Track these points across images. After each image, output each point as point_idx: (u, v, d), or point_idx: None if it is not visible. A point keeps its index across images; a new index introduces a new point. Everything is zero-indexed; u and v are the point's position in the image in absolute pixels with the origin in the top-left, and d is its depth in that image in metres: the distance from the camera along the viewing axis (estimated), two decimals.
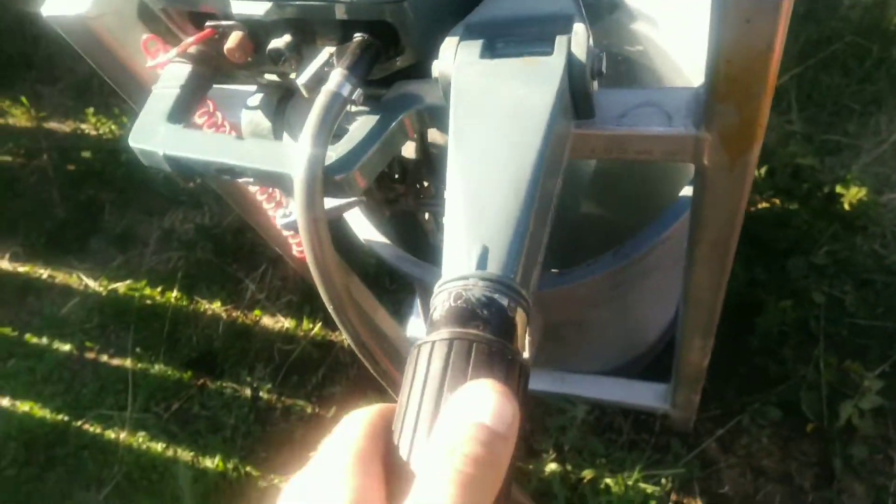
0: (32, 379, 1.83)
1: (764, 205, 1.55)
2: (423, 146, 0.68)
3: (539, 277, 0.45)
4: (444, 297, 0.39)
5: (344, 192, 0.52)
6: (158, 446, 1.64)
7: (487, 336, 0.34)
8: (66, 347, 1.85)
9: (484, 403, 0.31)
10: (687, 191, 0.90)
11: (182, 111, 0.58)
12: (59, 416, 1.75)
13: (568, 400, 1.36)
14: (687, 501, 1.32)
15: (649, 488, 1.32)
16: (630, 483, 1.32)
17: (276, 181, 0.52)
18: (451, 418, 0.31)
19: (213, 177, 0.55)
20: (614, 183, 1.07)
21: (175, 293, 1.83)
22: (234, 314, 1.77)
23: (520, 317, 0.37)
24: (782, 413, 1.34)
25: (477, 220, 0.42)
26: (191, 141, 0.55)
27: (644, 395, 1.28)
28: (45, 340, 1.88)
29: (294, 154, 0.48)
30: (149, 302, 1.84)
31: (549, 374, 1.29)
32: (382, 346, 0.53)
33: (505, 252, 0.40)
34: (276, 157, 0.52)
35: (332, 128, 0.49)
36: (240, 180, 0.54)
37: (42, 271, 1.99)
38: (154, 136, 0.56)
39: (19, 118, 2.28)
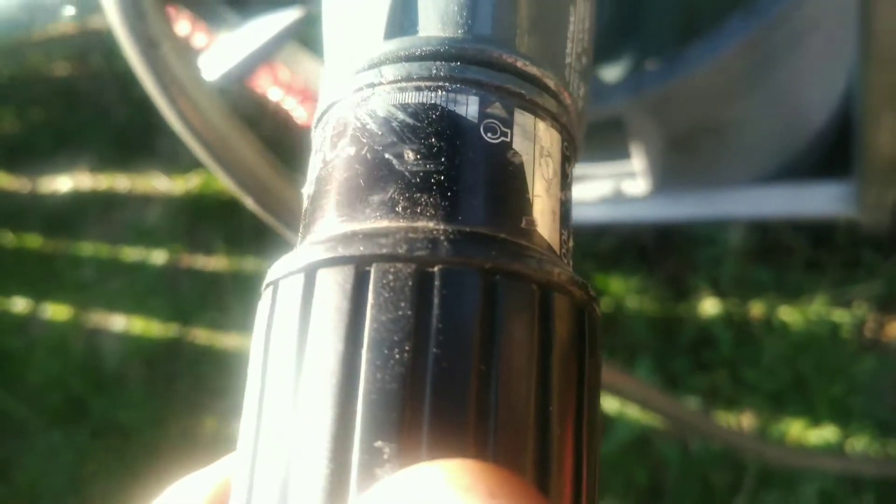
0: (138, 294, 1.76)
1: None
2: None
3: (589, 65, 0.19)
4: (318, 137, 0.15)
5: None
6: None
7: (434, 233, 0.13)
8: (161, 256, 1.75)
9: None
10: None
11: None
12: (171, 328, 1.68)
13: (718, 224, 1.08)
14: (889, 324, 1.04)
15: (838, 314, 1.04)
16: (812, 312, 1.04)
17: None
18: None
19: None
20: None
21: None
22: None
23: (547, 153, 0.13)
24: None
25: None
26: None
27: (819, 200, 0.97)
28: (140, 253, 1.79)
29: None
30: (227, 195, 1.68)
31: (689, 196, 1.01)
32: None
33: None
34: None
35: None
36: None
37: (121, 180, 1.88)
38: None
39: (66, 23, 2.11)
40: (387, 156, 0.13)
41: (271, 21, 0.40)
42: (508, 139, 0.14)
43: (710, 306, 1.10)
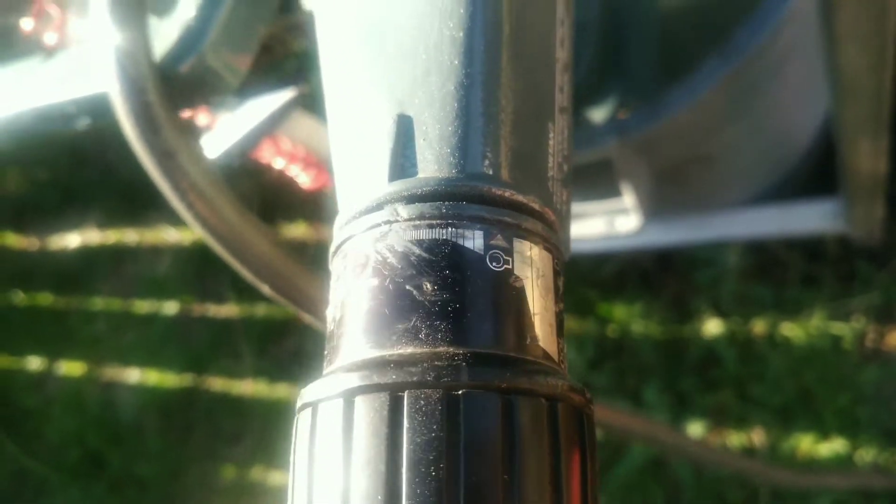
0: (151, 346, 1.78)
1: None
2: None
3: (569, 174, 0.21)
4: (338, 265, 0.17)
5: (213, 88, 0.29)
6: (283, 390, 1.54)
7: (445, 368, 0.15)
8: (173, 307, 1.78)
9: None
10: None
11: None
12: (185, 378, 1.70)
13: (715, 246, 1.11)
14: (890, 333, 1.06)
15: (837, 327, 1.06)
16: (813, 326, 1.07)
17: (92, 111, 0.30)
18: None
19: None
20: None
21: None
22: (320, 233, 1.61)
23: (543, 275, 0.15)
24: None
25: (387, 91, 0.18)
26: None
27: (809, 217, 1.00)
28: (152, 305, 1.82)
29: (93, 50, 0.26)
30: None
31: (683, 221, 1.04)
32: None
33: (451, 121, 0.16)
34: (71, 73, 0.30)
35: None
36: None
37: (129, 234, 1.91)
38: None
39: None
40: (408, 287, 0.16)
41: (266, 102, 0.43)
42: (511, 266, 0.16)
43: (713, 326, 1.12)
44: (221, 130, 0.45)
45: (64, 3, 0.41)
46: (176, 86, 0.28)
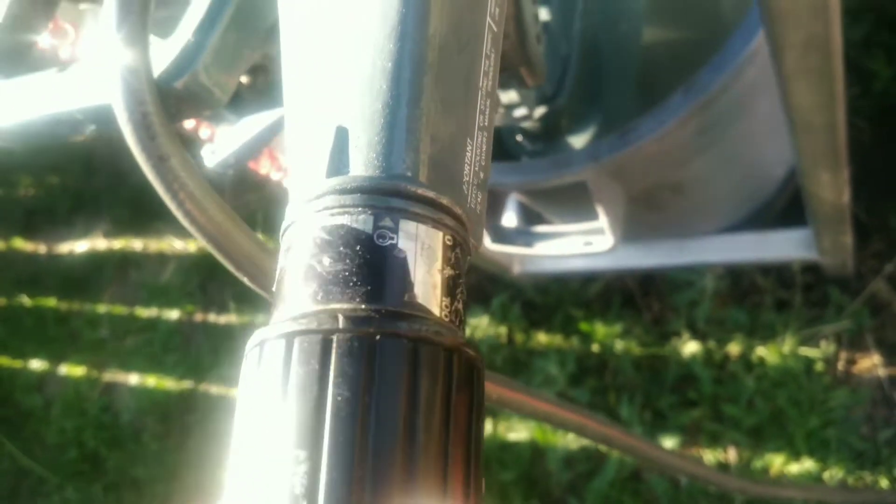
0: (152, 351, 1.82)
1: None
2: None
3: (487, 173, 0.26)
4: (282, 244, 0.22)
5: (204, 103, 0.34)
6: None
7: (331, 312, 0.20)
8: (175, 314, 1.82)
9: None
10: None
11: None
12: (184, 383, 1.74)
13: (692, 270, 1.15)
14: (860, 358, 1.10)
15: (811, 352, 1.10)
16: (786, 350, 1.11)
17: (95, 119, 0.35)
18: None
19: None
20: None
21: (260, 236, 1.74)
22: None
23: (428, 247, 0.19)
24: None
25: (323, 102, 0.23)
26: None
27: (782, 245, 1.04)
28: (154, 311, 1.86)
29: (100, 66, 0.31)
30: None
31: (661, 246, 1.08)
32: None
33: (377, 132, 0.21)
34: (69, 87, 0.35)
35: (146, 7, 0.31)
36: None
37: (135, 242, 1.96)
38: None
39: None
40: (311, 262, 0.20)
41: (260, 118, 0.48)
42: (395, 241, 0.21)
43: (690, 347, 1.17)
44: (220, 142, 0.50)
45: (78, 21, 0.47)
46: (171, 99, 0.33)
